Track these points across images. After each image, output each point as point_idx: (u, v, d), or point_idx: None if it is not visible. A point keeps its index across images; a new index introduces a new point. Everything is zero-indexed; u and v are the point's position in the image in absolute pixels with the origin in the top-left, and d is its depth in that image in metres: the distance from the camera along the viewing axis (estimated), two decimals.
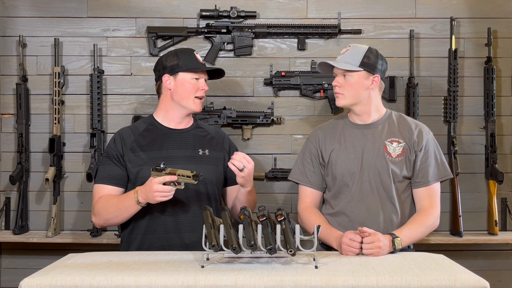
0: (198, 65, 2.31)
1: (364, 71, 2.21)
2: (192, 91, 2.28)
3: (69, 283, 1.61)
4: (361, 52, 2.22)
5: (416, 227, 2.15)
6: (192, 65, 2.29)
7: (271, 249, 1.73)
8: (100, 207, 2.19)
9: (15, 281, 1.75)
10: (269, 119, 2.97)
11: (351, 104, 2.25)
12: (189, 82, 2.28)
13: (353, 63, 2.21)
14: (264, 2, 3.02)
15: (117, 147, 2.27)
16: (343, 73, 2.22)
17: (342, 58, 2.24)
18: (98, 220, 2.23)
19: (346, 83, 2.22)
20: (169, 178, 2.00)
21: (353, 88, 2.22)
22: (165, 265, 1.78)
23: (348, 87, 2.22)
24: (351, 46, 2.26)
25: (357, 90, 2.22)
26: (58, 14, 3.02)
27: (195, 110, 2.31)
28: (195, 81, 2.30)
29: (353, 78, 2.21)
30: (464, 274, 1.66)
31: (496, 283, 3.02)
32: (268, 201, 2.99)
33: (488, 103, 2.93)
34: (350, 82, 2.22)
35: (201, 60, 2.34)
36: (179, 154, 2.26)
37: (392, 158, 2.21)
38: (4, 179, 3.00)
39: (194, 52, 2.35)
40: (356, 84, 2.21)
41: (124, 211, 2.15)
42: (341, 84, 2.23)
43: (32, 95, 3.01)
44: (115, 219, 2.18)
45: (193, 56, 2.33)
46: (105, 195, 2.21)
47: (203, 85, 2.32)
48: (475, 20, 3.01)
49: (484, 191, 2.99)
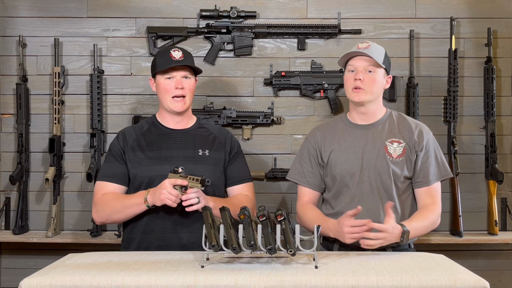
0: (167, 64, 2.24)
1: (384, 70, 2.21)
2: (166, 92, 2.25)
3: (69, 283, 1.61)
4: (382, 51, 2.21)
5: (422, 222, 2.14)
6: (163, 65, 2.25)
7: (271, 249, 1.73)
8: (105, 203, 2.20)
9: (15, 281, 1.74)
10: (269, 119, 2.97)
11: (369, 101, 2.20)
12: (162, 83, 2.26)
13: (379, 59, 2.17)
14: (264, 2, 3.02)
15: (120, 145, 2.29)
16: (367, 69, 2.18)
17: (367, 51, 2.17)
18: (99, 216, 2.24)
19: (370, 79, 2.17)
20: (180, 182, 2.03)
21: (375, 85, 2.18)
22: (165, 265, 1.77)
23: (371, 82, 2.17)
24: (369, 42, 2.21)
25: (378, 87, 2.20)
26: (58, 14, 3.03)
27: (175, 110, 2.26)
28: (169, 81, 2.25)
29: (378, 74, 2.18)
30: (464, 274, 1.66)
31: (496, 283, 3.02)
32: (268, 201, 2.99)
33: (488, 103, 2.93)
34: (374, 78, 2.18)
35: (177, 58, 2.25)
36: (179, 154, 2.26)
37: (393, 158, 2.21)
38: (4, 179, 3.00)
39: (170, 51, 2.27)
40: (379, 82, 2.19)
41: (129, 208, 2.15)
42: (365, 80, 2.17)
43: (32, 95, 3.02)
44: (118, 215, 2.19)
45: (167, 56, 2.26)
46: (110, 192, 2.22)
47: (177, 83, 2.25)
48: (475, 20, 3.01)
49: (484, 191, 2.99)
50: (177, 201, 2.06)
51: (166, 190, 2.03)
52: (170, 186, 2.04)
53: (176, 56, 2.26)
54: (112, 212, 2.19)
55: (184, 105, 2.27)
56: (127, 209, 2.16)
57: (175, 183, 2.05)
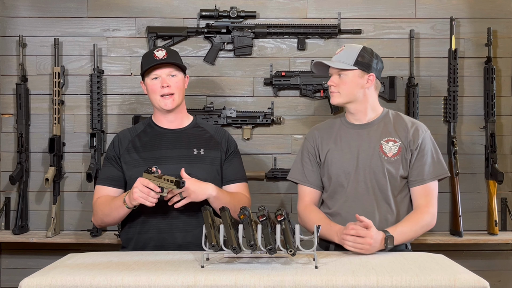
0: (149, 63, 2.26)
1: (358, 70, 2.23)
2: (154, 92, 2.27)
3: (69, 283, 1.61)
4: (355, 51, 2.24)
5: (410, 225, 2.14)
6: (147, 65, 2.27)
7: (271, 249, 1.73)
8: (97, 207, 2.24)
9: (15, 281, 1.75)
10: (269, 119, 2.97)
11: (346, 102, 2.26)
12: (150, 83, 2.28)
13: (347, 62, 2.22)
14: (264, 2, 3.02)
15: (115, 149, 2.31)
16: (338, 72, 2.24)
17: (337, 58, 2.26)
18: (95, 220, 2.29)
19: (341, 82, 2.24)
20: (152, 186, 1.99)
21: (347, 87, 2.23)
22: (165, 265, 1.77)
23: (342, 85, 2.23)
24: (345, 46, 2.29)
25: (351, 89, 2.23)
26: (58, 14, 3.03)
27: (165, 108, 2.27)
28: (155, 80, 2.27)
29: (347, 76, 2.23)
30: (464, 274, 1.66)
31: (496, 283, 3.02)
32: (268, 201, 2.99)
33: (488, 103, 2.93)
34: (344, 80, 2.23)
35: (160, 57, 2.26)
36: (173, 154, 2.26)
37: (388, 157, 2.21)
38: (4, 179, 3.00)
39: (154, 51, 2.28)
40: (351, 83, 2.23)
41: (114, 211, 2.17)
42: (336, 83, 2.24)
43: (32, 95, 3.02)
44: (107, 218, 2.21)
45: (151, 56, 2.27)
46: (104, 196, 2.25)
47: (163, 81, 2.25)
48: (475, 20, 3.01)
49: (484, 191, 2.99)
50: (150, 199, 2.02)
51: (138, 189, 2.01)
52: (141, 185, 2.01)
53: (159, 55, 2.27)
54: (103, 215, 2.22)
55: (174, 102, 2.27)
56: (113, 211, 2.17)
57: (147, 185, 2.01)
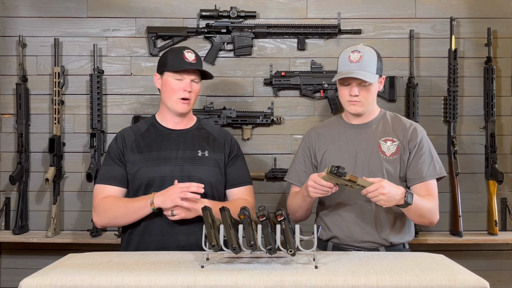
0: (180, 65, 2.21)
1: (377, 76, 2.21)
2: (174, 92, 2.22)
3: (69, 283, 1.61)
4: (374, 59, 2.18)
5: (424, 201, 2.12)
6: (176, 65, 2.22)
7: (271, 249, 1.73)
8: (106, 207, 2.18)
9: (15, 281, 1.74)
10: (269, 119, 2.97)
11: (366, 111, 2.24)
12: (171, 82, 2.23)
13: (371, 71, 2.16)
14: (264, 2, 3.02)
15: (119, 147, 2.27)
16: (360, 82, 2.17)
17: (359, 67, 2.15)
18: (101, 220, 2.21)
19: (366, 92, 2.18)
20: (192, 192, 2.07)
21: (371, 95, 2.20)
22: (165, 265, 1.77)
23: (367, 95, 2.19)
24: (361, 51, 2.18)
25: (373, 96, 2.22)
26: (58, 14, 3.03)
27: (179, 111, 2.25)
28: (178, 82, 2.23)
29: (373, 86, 2.19)
30: (464, 274, 1.66)
31: (496, 283, 3.02)
32: (268, 201, 2.99)
33: (488, 103, 2.93)
34: (370, 90, 2.19)
35: (190, 60, 2.22)
36: (178, 155, 2.24)
37: (387, 156, 2.21)
38: (4, 179, 3.00)
39: (184, 51, 2.24)
40: (374, 91, 2.21)
41: (133, 213, 2.14)
42: (360, 94, 2.18)
43: (32, 95, 3.02)
44: (121, 219, 2.18)
45: (180, 55, 2.22)
46: (111, 196, 2.21)
47: (186, 86, 2.22)
48: (475, 20, 3.02)
49: (484, 191, 2.99)
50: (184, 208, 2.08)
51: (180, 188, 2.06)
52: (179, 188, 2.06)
53: (189, 58, 2.23)
54: (113, 216, 2.18)
55: (188, 107, 2.26)
56: (131, 213, 2.15)
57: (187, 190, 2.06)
